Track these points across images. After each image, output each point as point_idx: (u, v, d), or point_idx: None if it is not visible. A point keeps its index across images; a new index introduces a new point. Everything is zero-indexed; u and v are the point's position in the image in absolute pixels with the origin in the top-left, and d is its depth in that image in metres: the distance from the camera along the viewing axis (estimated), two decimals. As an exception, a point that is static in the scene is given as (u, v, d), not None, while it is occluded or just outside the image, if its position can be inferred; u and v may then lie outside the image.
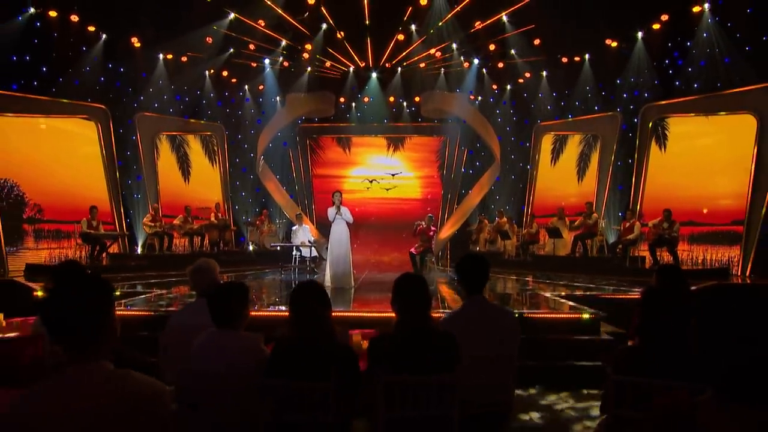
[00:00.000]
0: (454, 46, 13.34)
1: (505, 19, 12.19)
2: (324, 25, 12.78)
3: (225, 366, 2.71)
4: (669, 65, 12.68)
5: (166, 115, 14.45)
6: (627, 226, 11.45)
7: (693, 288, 8.42)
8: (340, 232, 9.03)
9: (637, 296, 7.72)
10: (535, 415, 4.60)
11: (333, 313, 2.81)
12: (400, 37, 13.11)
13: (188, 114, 14.96)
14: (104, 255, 11.47)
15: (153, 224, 12.63)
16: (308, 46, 13.74)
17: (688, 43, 12.15)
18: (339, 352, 2.61)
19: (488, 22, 12.37)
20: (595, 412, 4.69)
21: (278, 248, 13.75)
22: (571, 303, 6.85)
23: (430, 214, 13.15)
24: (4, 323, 4.79)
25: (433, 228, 12.46)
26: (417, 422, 2.51)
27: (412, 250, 12.00)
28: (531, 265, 12.47)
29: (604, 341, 5.88)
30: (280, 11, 11.86)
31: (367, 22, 12.36)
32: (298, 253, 12.30)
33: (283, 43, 13.52)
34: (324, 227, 15.44)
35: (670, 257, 10.60)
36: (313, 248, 12.10)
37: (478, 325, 2.99)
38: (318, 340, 2.60)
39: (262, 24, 12.53)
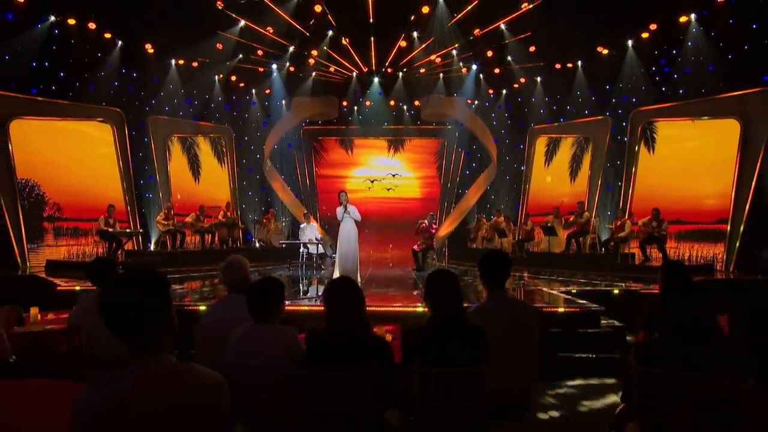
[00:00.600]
0: (454, 52, 13.34)
1: (503, 27, 12.19)
2: (330, 32, 12.75)
3: (263, 358, 2.72)
4: (657, 72, 12.74)
5: (178, 118, 14.43)
6: (618, 225, 11.53)
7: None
8: (348, 230, 9.04)
9: (632, 289, 7.82)
10: (546, 403, 4.65)
11: None
12: (403, 43, 13.09)
13: (197, 117, 14.95)
14: (120, 252, 11.44)
15: (166, 222, 12.61)
16: (314, 52, 13.72)
17: (675, 51, 12.25)
18: (375, 345, 2.62)
19: (487, 29, 12.36)
20: (602, 400, 4.76)
21: (284, 245, 13.78)
22: (570, 297, 6.89)
23: (431, 213, 13.18)
24: (39, 317, 4.80)
25: (434, 226, 12.50)
26: (450, 411, 2.53)
27: (415, 247, 12.04)
28: (527, 262, 12.53)
29: (605, 333, 5.94)
30: (289, 19, 11.80)
31: (372, 29, 12.34)
32: (306, 250, 12.31)
33: (291, 49, 13.48)
34: (328, 225, 15.55)
35: (659, 254, 10.67)
36: (319, 245, 12.13)
37: (502, 318, 3.00)
38: (354, 332, 2.62)
39: (271, 31, 12.49)
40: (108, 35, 12.08)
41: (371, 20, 11.95)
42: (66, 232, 11.86)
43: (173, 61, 13.58)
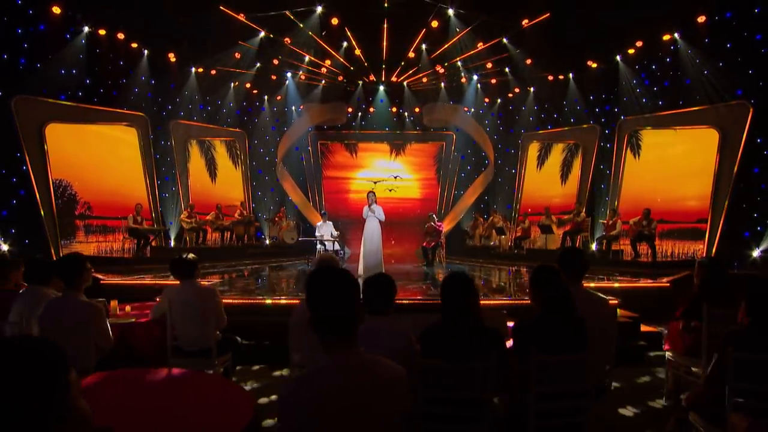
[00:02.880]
0: (459, 63, 13.43)
1: (505, 41, 12.32)
2: (345, 43, 12.73)
3: (383, 347, 2.75)
4: (641, 84, 12.97)
5: (196, 122, 14.29)
6: (610, 224, 11.74)
7: (672, 278, 8.77)
8: (372, 228, 9.06)
9: (635, 285, 7.99)
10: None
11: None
12: (411, 55, 13.14)
13: (212, 121, 14.84)
14: (148, 248, 11.31)
15: (189, 220, 12.51)
16: (327, 62, 13.69)
17: (654, 66, 12.52)
18: (489, 335, 2.68)
19: (490, 43, 12.47)
20: (630, 385, 4.90)
21: (294, 240, 13.83)
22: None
23: (430, 213, 13.21)
24: (118, 309, 4.75)
25: (438, 223, 12.55)
26: (561, 396, 2.59)
27: (425, 244, 12.12)
28: (524, 258, 12.68)
29: (622, 324, 6.07)
30: (300, 26, 11.73)
31: (384, 43, 12.35)
32: (322, 247, 12.30)
33: (307, 58, 13.43)
34: (335, 224, 15.53)
35: (649, 250, 10.91)
36: (335, 242, 12.13)
37: (582, 309, 3.05)
38: (470, 324, 2.68)
39: (288, 41, 12.42)
40: (135, 45, 11.93)
41: (384, 34, 11.96)
42: (95, 229, 11.68)
43: (193, 69, 13.47)
